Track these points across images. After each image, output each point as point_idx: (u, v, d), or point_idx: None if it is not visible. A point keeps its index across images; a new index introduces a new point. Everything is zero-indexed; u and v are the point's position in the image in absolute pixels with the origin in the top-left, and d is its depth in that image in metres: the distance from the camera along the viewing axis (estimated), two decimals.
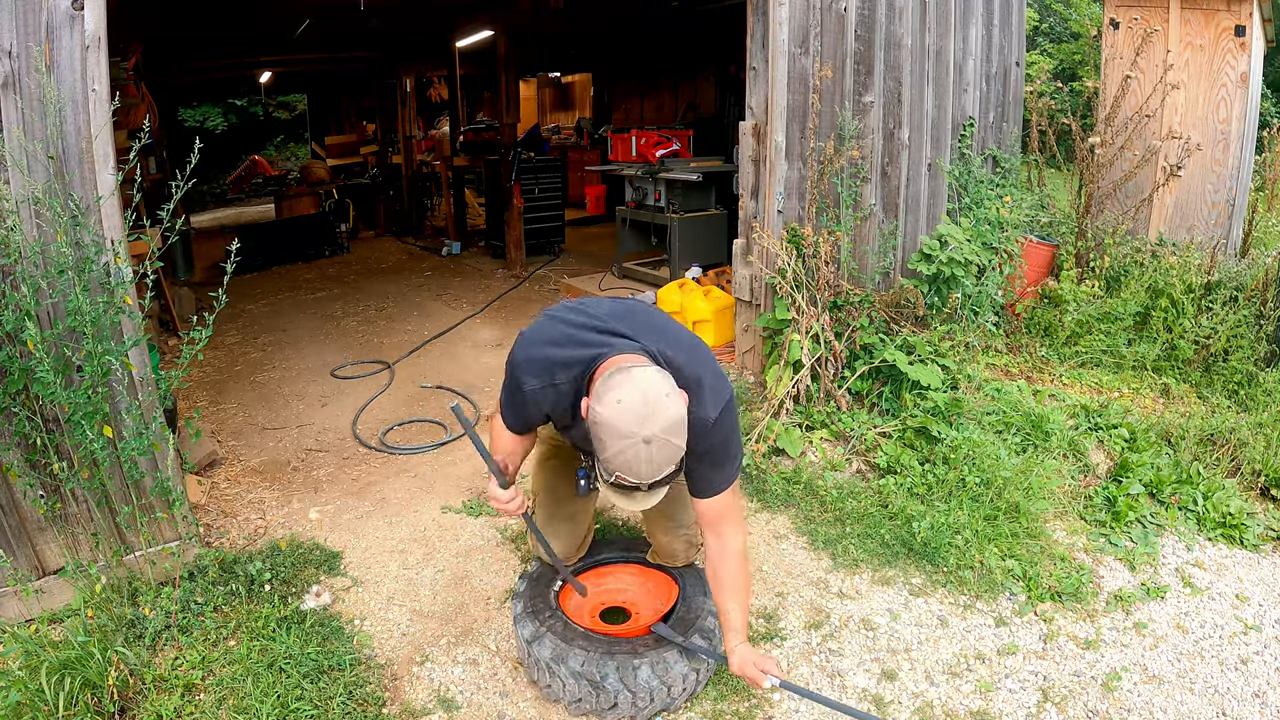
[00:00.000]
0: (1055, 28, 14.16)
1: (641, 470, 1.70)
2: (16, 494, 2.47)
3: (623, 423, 1.67)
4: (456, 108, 9.44)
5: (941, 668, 2.43)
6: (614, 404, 1.68)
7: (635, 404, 1.68)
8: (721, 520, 2.06)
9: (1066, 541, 3.04)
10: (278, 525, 3.18)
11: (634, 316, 2.02)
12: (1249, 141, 5.29)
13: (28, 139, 2.29)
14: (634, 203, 6.95)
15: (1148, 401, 3.98)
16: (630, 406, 1.68)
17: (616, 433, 1.68)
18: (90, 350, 2.30)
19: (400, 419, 4.19)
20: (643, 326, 1.97)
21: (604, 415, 1.69)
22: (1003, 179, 4.76)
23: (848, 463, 3.49)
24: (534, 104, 14.18)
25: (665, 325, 2.05)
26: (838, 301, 3.84)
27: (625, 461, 1.69)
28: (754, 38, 3.83)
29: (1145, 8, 5.16)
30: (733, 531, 2.08)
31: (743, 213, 4.08)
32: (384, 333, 5.76)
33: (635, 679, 2.12)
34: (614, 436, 1.68)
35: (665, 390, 1.73)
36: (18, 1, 2.25)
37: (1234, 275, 4.43)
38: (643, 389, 1.70)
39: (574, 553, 2.55)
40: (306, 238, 8.62)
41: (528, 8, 7.35)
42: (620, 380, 1.72)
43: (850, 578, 2.85)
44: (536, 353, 1.97)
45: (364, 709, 2.23)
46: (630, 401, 1.68)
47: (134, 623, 2.43)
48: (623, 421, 1.67)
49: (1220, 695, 2.32)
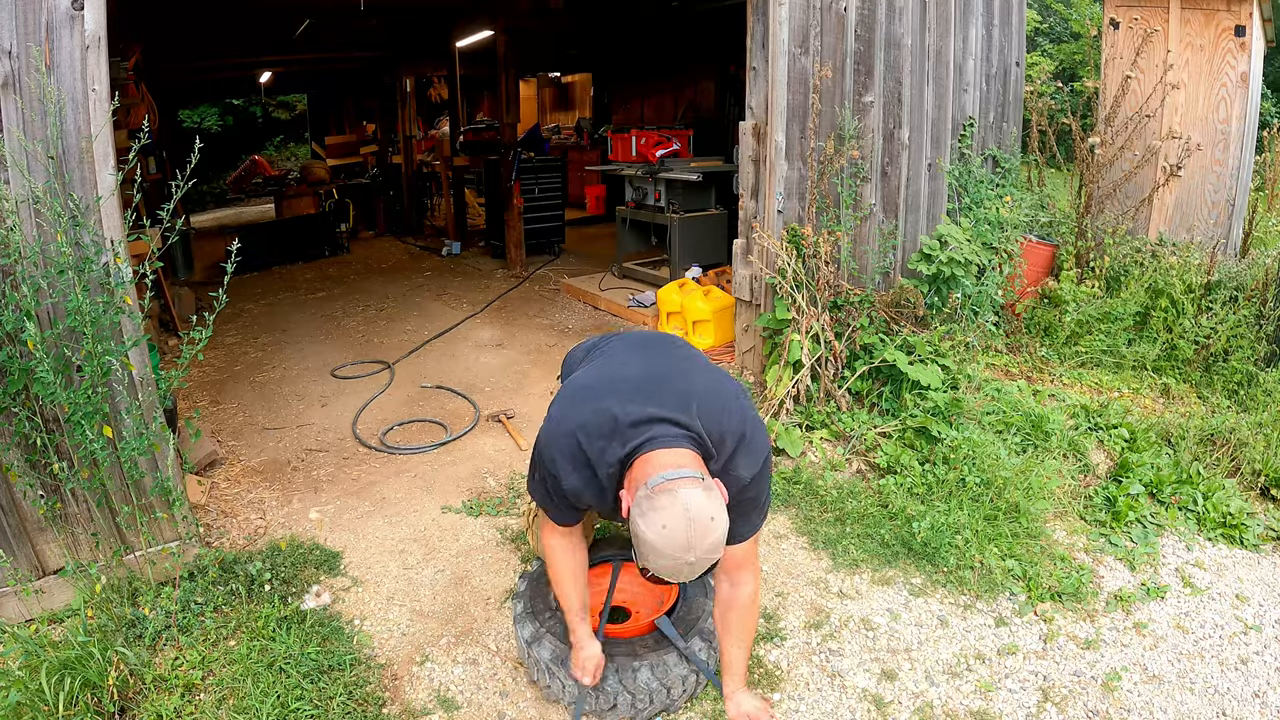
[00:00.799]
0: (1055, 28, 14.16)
1: (682, 577, 1.72)
2: (16, 494, 2.47)
3: (668, 548, 1.66)
4: (456, 108, 9.44)
5: (941, 668, 2.43)
6: (659, 529, 1.66)
7: (680, 530, 1.66)
8: (740, 567, 2.04)
9: (1066, 541, 3.04)
10: (278, 525, 3.18)
11: (666, 381, 1.93)
12: (1249, 141, 5.29)
13: (28, 139, 2.29)
14: (634, 203, 6.95)
15: (1148, 401, 3.98)
16: (675, 533, 1.66)
17: (660, 553, 1.67)
18: (90, 350, 2.30)
19: (400, 419, 4.19)
20: (675, 393, 1.89)
21: (648, 536, 1.67)
22: (1003, 179, 4.76)
23: (848, 463, 3.49)
24: (534, 104, 14.18)
25: (694, 380, 1.96)
26: (838, 301, 3.84)
27: (667, 572, 1.71)
28: (754, 38, 3.83)
29: (1145, 8, 5.16)
30: (748, 578, 2.06)
31: (743, 213, 4.08)
32: (384, 333, 5.76)
33: (635, 680, 2.12)
34: (658, 556, 1.68)
35: (711, 514, 1.69)
36: (18, 1, 2.25)
37: (1234, 275, 4.43)
38: (689, 515, 1.67)
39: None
40: (306, 238, 8.62)
41: (527, 8, 7.36)
42: (665, 504, 1.68)
43: (850, 578, 2.85)
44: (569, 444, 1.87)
45: (364, 709, 2.23)
46: (675, 528, 1.66)
47: (134, 623, 2.43)
48: (668, 546, 1.66)
49: (1220, 695, 2.32)
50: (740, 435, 1.88)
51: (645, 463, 1.78)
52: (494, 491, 3.43)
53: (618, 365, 2.06)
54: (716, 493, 1.76)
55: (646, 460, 1.78)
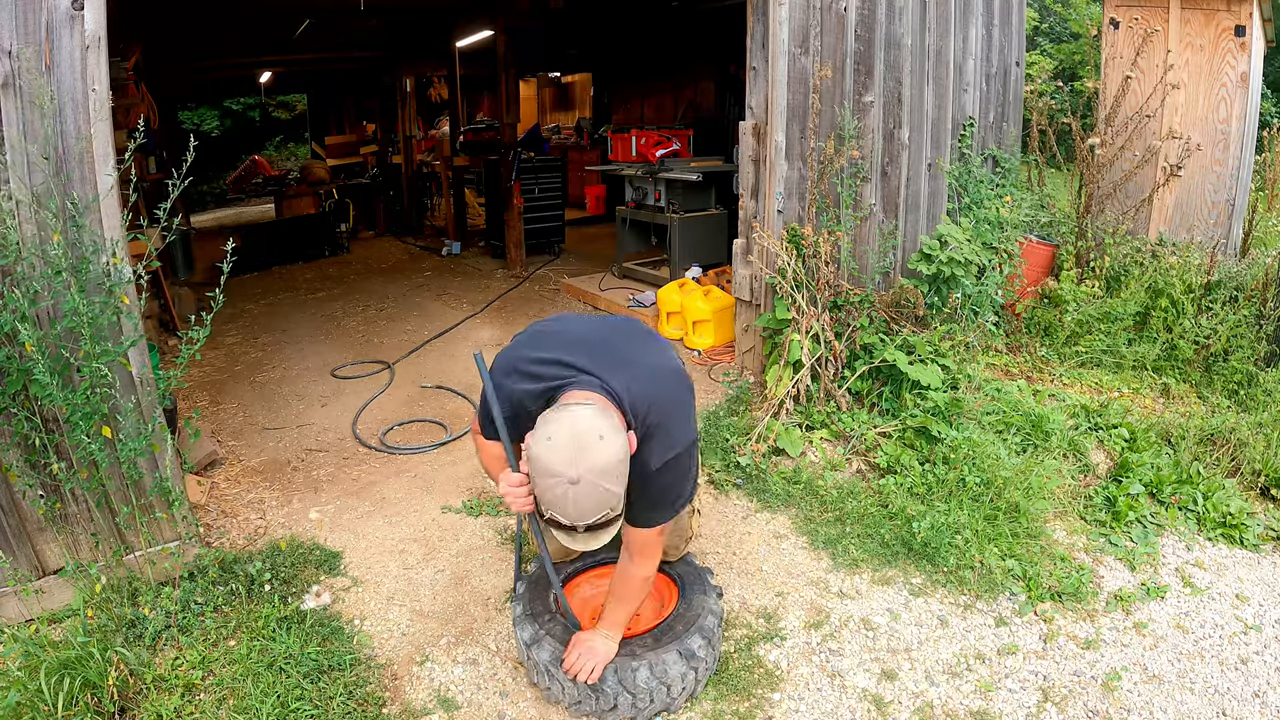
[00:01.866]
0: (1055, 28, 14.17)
1: (569, 511, 1.66)
2: (16, 494, 2.47)
3: (551, 461, 1.63)
4: (456, 108, 9.44)
5: (941, 667, 2.43)
6: (545, 441, 1.65)
7: (564, 443, 1.64)
8: (640, 551, 2.06)
9: (1066, 541, 3.04)
10: (278, 525, 3.18)
11: (607, 346, 1.96)
12: (1249, 141, 5.29)
13: (27, 139, 2.29)
14: (634, 203, 6.95)
15: (1148, 401, 3.98)
16: (559, 445, 1.64)
17: (545, 470, 1.64)
18: (89, 350, 2.30)
19: (400, 419, 4.19)
20: (612, 358, 1.90)
21: (535, 451, 1.66)
22: (1003, 179, 4.76)
23: (848, 462, 3.49)
24: (534, 104, 14.18)
25: (638, 356, 1.97)
26: (838, 301, 3.84)
27: (553, 499, 1.66)
28: (754, 38, 3.83)
29: (1145, 7, 5.16)
30: (644, 563, 2.08)
31: (743, 213, 4.08)
32: (384, 333, 5.76)
33: (634, 680, 2.12)
34: (542, 474, 1.65)
35: (600, 431, 1.66)
36: (18, 1, 2.25)
37: (1234, 275, 4.43)
38: (574, 427, 1.65)
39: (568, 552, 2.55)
40: (306, 238, 8.62)
41: (527, 8, 7.36)
42: (554, 417, 1.69)
43: (850, 578, 2.85)
44: (503, 380, 1.97)
45: (364, 709, 2.23)
46: (560, 440, 1.64)
47: (134, 623, 2.43)
48: (551, 459, 1.63)
49: (1220, 695, 2.32)
50: (662, 420, 1.87)
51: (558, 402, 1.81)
52: (494, 491, 3.43)
53: (574, 323, 2.13)
54: (613, 416, 1.74)
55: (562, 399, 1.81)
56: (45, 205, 2.31)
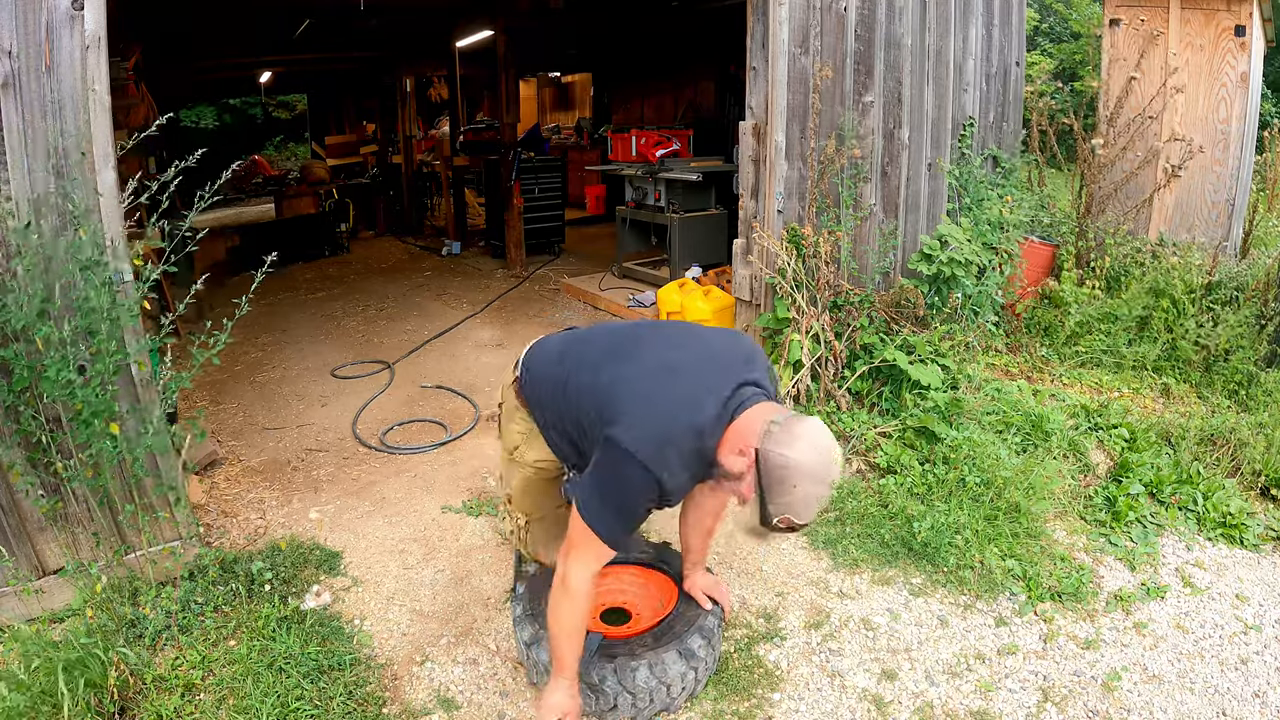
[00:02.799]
0: (1055, 28, 14.16)
1: (815, 511, 1.74)
2: (17, 494, 2.47)
3: (818, 467, 1.71)
4: (456, 108, 9.44)
5: (941, 668, 2.43)
6: (809, 449, 1.70)
7: (827, 443, 1.72)
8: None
9: (1066, 541, 3.04)
10: (278, 525, 3.18)
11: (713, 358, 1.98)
12: (1249, 142, 5.30)
13: (28, 139, 2.29)
14: (634, 203, 6.95)
15: (1148, 402, 3.98)
16: (825, 447, 1.72)
17: (811, 477, 1.70)
18: (101, 348, 2.30)
19: (400, 419, 4.19)
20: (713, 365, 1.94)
21: (801, 461, 1.69)
22: (1003, 179, 4.75)
23: (848, 463, 3.49)
24: (534, 104, 14.17)
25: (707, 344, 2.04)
26: (838, 301, 3.84)
27: (805, 503, 1.72)
28: (754, 38, 3.83)
29: (1146, 7, 5.16)
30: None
31: (743, 213, 4.08)
32: (384, 333, 5.76)
33: (634, 680, 2.12)
34: (806, 480, 1.70)
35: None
36: (18, 1, 2.25)
37: (1234, 275, 4.43)
38: (824, 431, 1.75)
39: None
40: (306, 238, 8.62)
41: (527, 8, 7.36)
42: (804, 429, 1.73)
43: (850, 577, 2.85)
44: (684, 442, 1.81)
45: (364, 709, 2.23)
46: (824, 443, 1.72)
47: (134, 622, 2.43)
48: (823, 462, 1.71)
49: (1220, 695, 2.32)
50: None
51: (748, 419, 1.80)
52: (494, 491, 3.43)
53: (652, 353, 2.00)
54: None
55: (748, 417, 1.81)
56: (46, 205, 2.31)
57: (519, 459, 2.24)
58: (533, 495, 2.33)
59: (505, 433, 2.28)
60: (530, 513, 2.38)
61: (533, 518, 2.39)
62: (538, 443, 2.17)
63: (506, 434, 2.27)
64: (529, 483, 2.29)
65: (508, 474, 2.36)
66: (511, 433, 2.23)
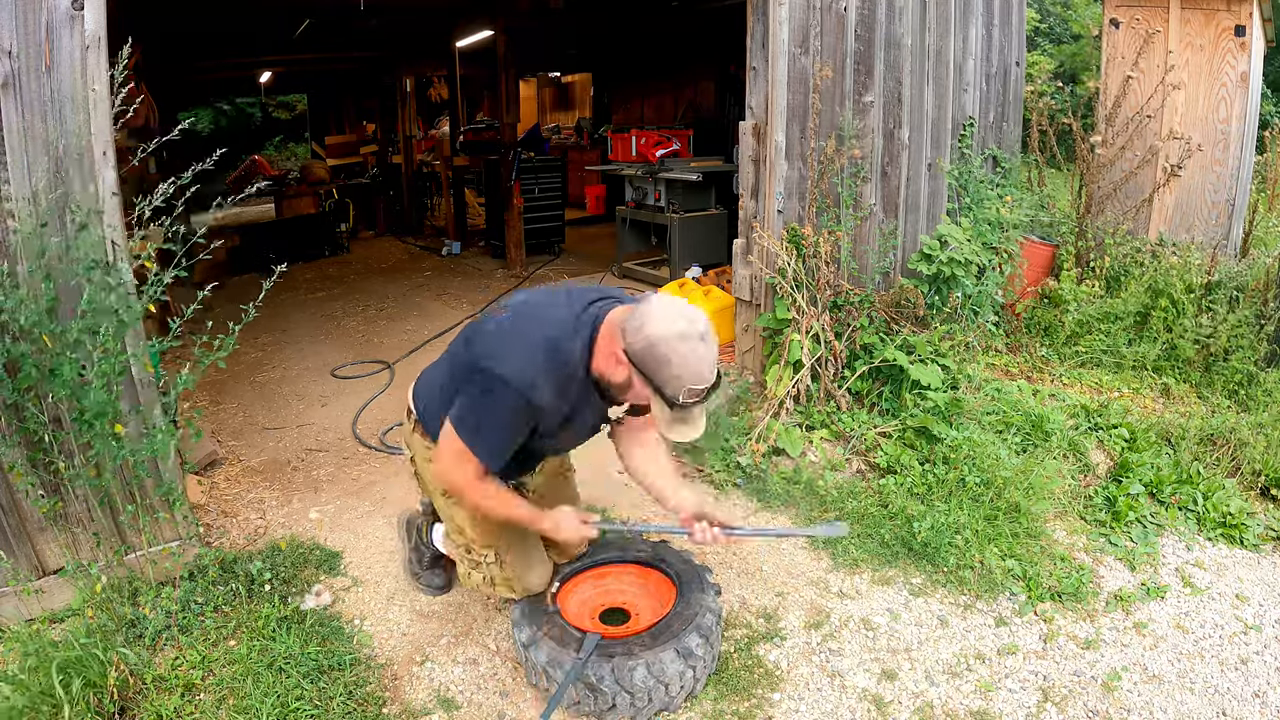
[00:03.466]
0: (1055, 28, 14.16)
1: (708, 368, 1.76)
2: (17, 494, 2.47)
3: (680, 327, 1.73)
4: (456, 108, 9.44)
5: (941, 668, 2.43)
6: (662, 319, 1.75)
7: (678, 311, 1.76)
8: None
9: (1066, 541, 3.04)
10: (278, 525, 3.18)
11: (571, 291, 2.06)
12: (1249, 141, 5.30)
13: (28, 139, 2.29)
14: (634, 203, 6.95)
15: (1148, 401, 3.98)
16: (677, 314, 1.76)
17: (680, 336, 1.73)
18: (106, 347, 2.30)
19: (400, 419, 4.18)
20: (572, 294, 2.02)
21: (659, 332, 1.73)
22: (1003, 179, 4.75)
23: (848, 463, 3.49)
24: (534, 104, 14.17)
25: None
26: (838, 301, 3.84)
27: (696, 364, 1.74)
28: (754, 38, 3.83)
29: (1145, 8, 5.16)
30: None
31: (743, 213, 4.08)
32: (384, 332, 5.76)
33: (631, 679, 2.12)
34: (679, 342, 1.73)
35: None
36: (18, 1, 2.25)
37: (1234, 275, 4.43)
38: (667, 299, 1.80)
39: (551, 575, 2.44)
40: (306, 238, 8.62)
41: (527, 8, 7.36)
42: (650, 305, 1.78)
43: (850, 578, 2.85)
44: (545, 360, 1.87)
45: (364, 709, 2.23)
46: (674, 310, 1.76)
47: (134, 623, 2.43)
48: (679, 326, 1.73)
49: (1220, 695, 2.32)
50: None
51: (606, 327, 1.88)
52: None
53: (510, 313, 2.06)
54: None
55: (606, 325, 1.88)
56: (46, 205, 2.31)
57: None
58: (488, 522, 2.23)
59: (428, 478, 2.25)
60: (496, 542, 2.27)
61: (500, 547, 2.28)
62: None
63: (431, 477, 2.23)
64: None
65: (452, 518, 2.28)
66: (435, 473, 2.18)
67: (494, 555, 2.30)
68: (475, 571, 2.34)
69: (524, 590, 2.33)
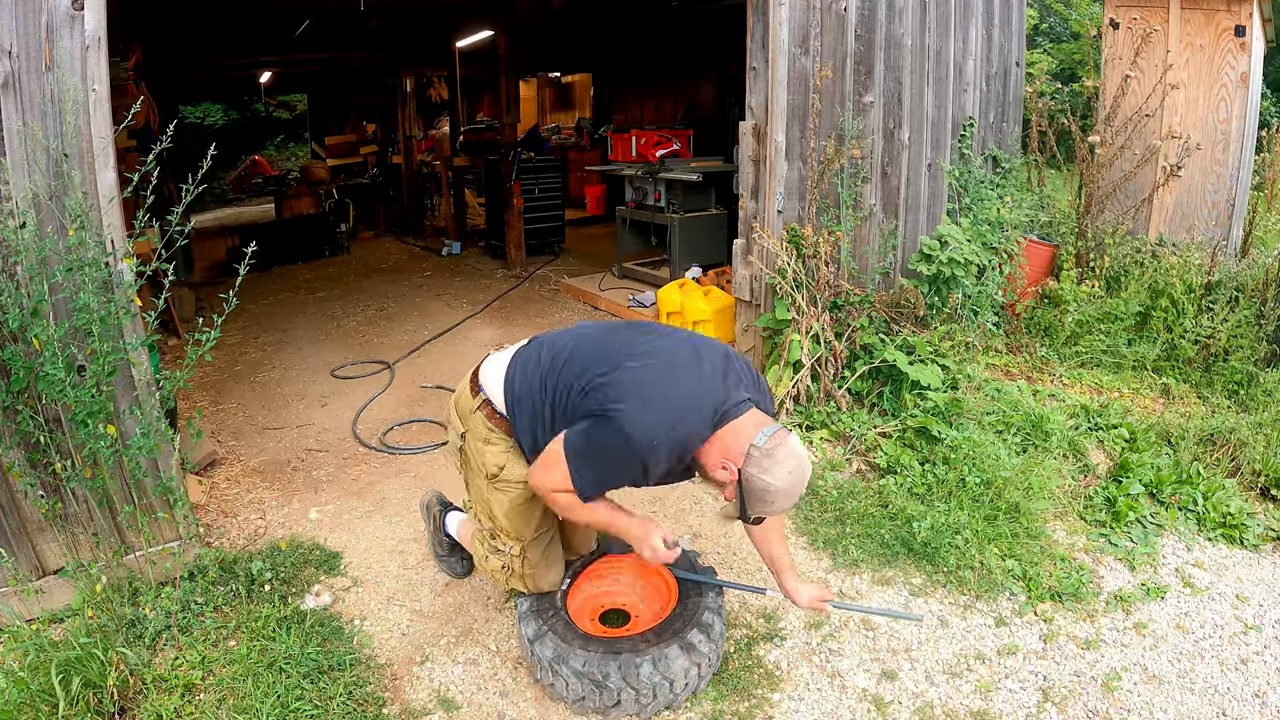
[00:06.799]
0: (1055, 28, 14.15)
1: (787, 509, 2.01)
2: (17, 494, 2.47)
3: (795, 485, 1.94)
4: (456, 108, 9.44)
5: (941, 668, 2.43)
6: (785, 476, 1.92)
7: (801, 468, 1.95)
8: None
9: (1066, 541, 3.04)
10: (278, 525, 3.18)
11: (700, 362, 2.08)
12: (1249, 141, 5.29)
13: (28, 139, 2.29)
14: (634, 203, 6.95)
15: (1148, 402, 3.98)
16: (800, 475, 1.95)
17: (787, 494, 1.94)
18: (96, 348, 2.30)
19: (400, 419, 4.19)
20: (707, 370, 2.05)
21: (778, 485, 1.91)
22: (1003, 179, 4.76)
23: (848, 463, 3.49)
24: (534, 104, 14.16)
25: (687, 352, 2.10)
26: (838, 301, 3.84)
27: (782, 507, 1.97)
28: (754, 38, 3.83)
29: (1145, 8, 5.16)
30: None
31: (743, 213, 4.08)
32: (384, 333, 5.76)
33: (637, 675, 2.12)
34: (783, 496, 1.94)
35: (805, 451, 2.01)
36: (18, 1, 2.25)
37: (1234, 275, 4.43)
38: (801, 454, 1.95)
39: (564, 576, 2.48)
40: (306, 238, 8.62)
41: (527, 8, 7.35)
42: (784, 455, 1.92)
43: (850, 578, 2.85)
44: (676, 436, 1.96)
45: (364, 709, 2.23)
46: (800, 470, 1.95)
47: (134, 623, 2.43)
48: (795, 485, 1.94)
49: (1220, 695, 2.32)
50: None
51: (734, 431, 1.97)
52: None
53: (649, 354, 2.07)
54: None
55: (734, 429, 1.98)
56: (46, 205, 2.31)
57: (506, 478, 2.23)
58: (524, 514, 2.28)
59: (480, 459, 2.25)
60: (524, 535, 2.31)
61: (527, 540, 2.31)
62: (521, 458, 2.20)
63: (484, 459, 2.24)
64: (519, 501, 2.26)
65: (489, 503, 2.30)
66: (493, 454, 2.22)
67: (519, 548, 2.33)
68: (495, 558, 2.38)
69: (537, 588, 2.37)
